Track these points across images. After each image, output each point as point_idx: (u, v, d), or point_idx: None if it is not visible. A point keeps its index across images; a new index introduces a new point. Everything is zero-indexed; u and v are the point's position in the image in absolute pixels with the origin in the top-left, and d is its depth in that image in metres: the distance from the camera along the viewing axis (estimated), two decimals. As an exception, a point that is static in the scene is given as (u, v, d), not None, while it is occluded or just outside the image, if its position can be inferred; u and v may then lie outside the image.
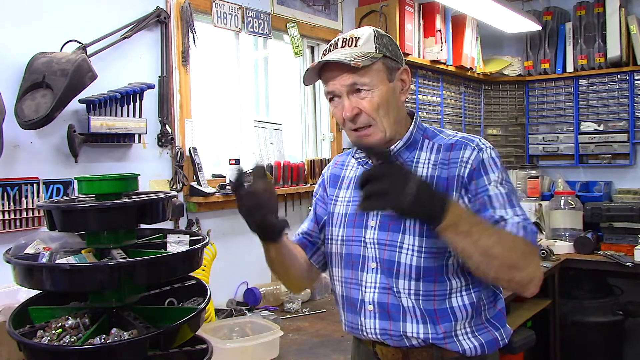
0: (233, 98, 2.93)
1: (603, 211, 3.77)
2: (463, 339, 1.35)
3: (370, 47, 1.35)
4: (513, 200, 1.30)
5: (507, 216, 1.27)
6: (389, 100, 1.36)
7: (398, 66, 1.39)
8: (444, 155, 1.36)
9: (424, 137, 1.42)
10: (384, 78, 1.36)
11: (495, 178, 1.32)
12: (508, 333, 1.42)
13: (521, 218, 1.27)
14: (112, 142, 2.19)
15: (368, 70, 1.33)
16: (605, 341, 3.72)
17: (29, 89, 1.90)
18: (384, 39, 1.39)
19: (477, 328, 1.36)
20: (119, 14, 2.24)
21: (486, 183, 1.31)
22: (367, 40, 1.36)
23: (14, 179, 1.92)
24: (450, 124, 4.14)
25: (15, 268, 1.40)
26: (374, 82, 1.34)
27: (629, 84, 4.04)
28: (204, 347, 1.61)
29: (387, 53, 1.37)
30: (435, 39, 3.67)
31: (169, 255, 1.48)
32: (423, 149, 1.40)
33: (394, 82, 1.38)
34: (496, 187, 1.31)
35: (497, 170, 1.33)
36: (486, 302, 1.38)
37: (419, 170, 1.38)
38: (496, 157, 1.36)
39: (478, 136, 1.41)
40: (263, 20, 2.87)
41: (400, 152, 1.40)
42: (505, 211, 1.28)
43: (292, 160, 3.02)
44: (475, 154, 1.34)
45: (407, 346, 1.36)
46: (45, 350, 1.34)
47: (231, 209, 2.72)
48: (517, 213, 1.28)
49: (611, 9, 3.94)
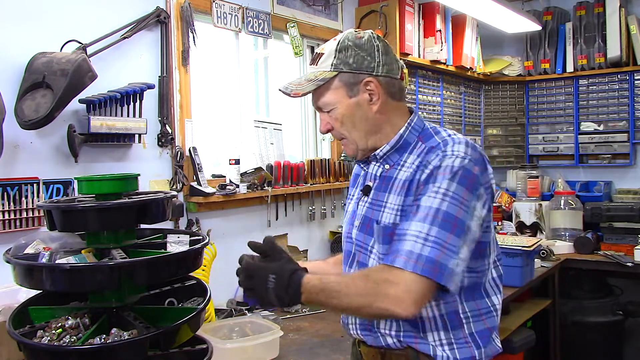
0: (233, 98, 2.93)
1: (603, 211, 3.77)
2: (437, 346, 1.32)
3: (326, 65, 1.36)
4: (438, 218, 1.20)
5: (411, 232, 1.21)
6: (353, 115, 1.37)
7: (360, 79, 1.35)
8: (423, 158, 1.33)
9: (419, 139, 1.39)
10: (344, 95, 1.37)
11: (436, 188, 1.24)
12: (490, 353, 1.37)
13: (421, 240, 1.19)
14: (112, 142, 2.19)
15: (324, 90, 1.37)
16: (605, 341, 3.72)
17: (29, 89, 1.90)
18: (349, 51, 1.35)
19: (456, 341, 1.33)
20: (119, 14, 2.24)
21: (428, 190, 1.25)
22: (327, 56, 1.37)
23: (14, 179, 1.92)
24: (450, 124, 4.14)
25: (15, 268, 1.40)
26: (334, 100, 1.37)
27: (629, 84, 4.04)
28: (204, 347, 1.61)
29: (345, 68, 1.35)
30: (435, 39, 3.67)
31: (169, 255, 1.48)
32: (413, 152, 1.37)
33: (357, 96, 1.36)
34: (433, 197, 1.23)
35: (446, 180, 1.24)
36: (470, 316, 1.34)
37: (400, 174, 1.35)
38: (457, 167, 1.25)
39: (462, 140, 1.32)
40: (263, 20, 2.87)
41: (388, 156, 1.40)
42: (419, 225, 1.21)
43: (292, 160, 3.02)
44: (437, 160, 1.28)
45: (384, 346, 1.37)
46: (45, 350, 1.34)
47: (231, 209, 2.72)
48: (428, 233, 1.20)
49: (611, 9, 3.94)
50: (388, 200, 1.36)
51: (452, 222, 1.21)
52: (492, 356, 1.38)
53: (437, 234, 1.20)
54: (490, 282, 1.39)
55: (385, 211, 1.35)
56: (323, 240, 3.31)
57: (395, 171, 1.38)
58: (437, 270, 1.18)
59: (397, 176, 1.36)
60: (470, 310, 1.34)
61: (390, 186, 1.37)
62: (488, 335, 1.37)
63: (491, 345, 1.38)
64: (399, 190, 1.34)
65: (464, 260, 1.23)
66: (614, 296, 3.79)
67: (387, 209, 1.35)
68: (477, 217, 1.26)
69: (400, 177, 1.35)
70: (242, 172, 2.70)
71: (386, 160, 1.40)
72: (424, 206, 1.23)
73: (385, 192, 1.37)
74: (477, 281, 1.35)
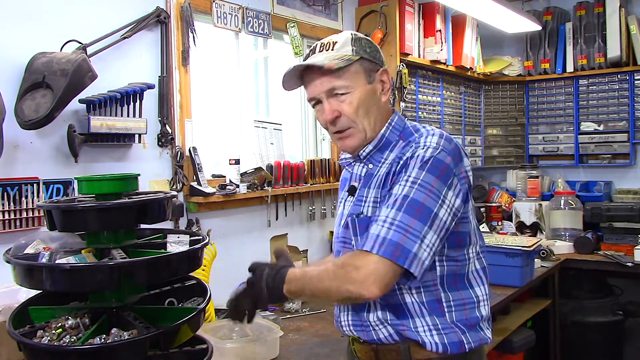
0: (233, 98, 2.93)
1: (603, 211, 3.77)
2: (424, 334, 1.35)
3: (347, 49, 1.38)
4: (405, 205, 1.24)
5: (379, 218, 1.27)
6: (368, 102, 1.39)
7: (377, 67, 1.41)
8: (401, 151, 1.37)
9: (400, 137, 1.43)
10: (363, 80, 1.38)
11: (407, 177, 1.28)
12: (477, 339, 1.38)
13: (387, 224, 1.24)
14: (112, 142, 2.19)
15: (345, 72, 1.36)
16: (605, 341, 3.72)
17: (29, 89, 1.90)
18: (362, 42, 1.40)
19: (442, 327, 1.35)
20: (119, 14, 2.24)
21: (400, 179, 1.29)
22: (344, 43, 1.38)
23: (14, 179, 1.92)
24: (450, 124, 4.14)
25: (15, 268, 1.40)
26: (352, 84, 1.37)
27: (629, 84, 4.04)
28: (204, 347, 1.61)
29: (365, 55, 1.38)
30: (435, 39, 3.67)
31: (169, 255, 1.48)
32: (394, 150, 1.41)
33: (373, 83, 1.40)
34: (402, 186, 1.27)
35: (416, 169, 1.28)
36: (453, 305, 1.36)
37: (380, 170, 1.40)
38: (428, 158, 1.28)
39: (437, 133, 1.35)
40: (263, 20, 2.87)
41: (371, 155, 1.43)
42: (389, 211, 1.26)
43: (292, 160, 3.02)
44: (410, 151, 1.33)
45: (376, 340, 1.39)
46: (45, 350, 1.34)
47: (231, 209, 2.72)
48: (394, 218, 1.24)
49: (611, 9, 3.94)
50: (368, 194, 1.40)
51: (418, 208, 1.24)
52: (481, 343, 1.40)
53: (401, 218, 1.24)
54: (473, 273, 1.41)
55: (364, 205, 1.40)
56: (323, 240, 3.31)
57: (377, 169, 1.42)
58: (398, 253, 1.21)
59: (377, 172, 1.41)
60: (454, 300, 1.37)
61: (370, 182, 1.42)
62: (475, 325, 1.39)
63: (479, 333, 1.40)
64: (377, 184, 1.39)
65: (430, 247, 1.25)
66: (614, 296, 3.79)
67: (365, 202, 1.40)
68: (447, 206, 1.28)
69: (380, 173, 1.40)
70: (242, 172, 2.70)
71: (370, 160, 1.44)
72: (394, 194, 1.28)
73: (366, 188, 1.42)
74: (458, 271, 1.38)
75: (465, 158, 1.35)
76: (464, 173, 1.33)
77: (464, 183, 1.33)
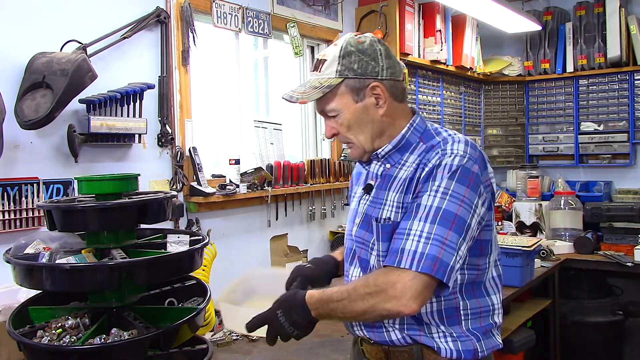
0: (233, 98, 2.93)
1: (603, 211, 3.77)
2: (439, 340, 1.34)
3: (330, 71, 1.36)
4: (438, 217, 1.22)
5: (411, 231, 1.24)
6: (360, 120, 1.38)
7: (365, 84, 1.36)
8: (423, 157, 1.35)
9: (420, 139, 1.41)
10: (350, 100, 1.37)
11: (435, 187, 1.26)
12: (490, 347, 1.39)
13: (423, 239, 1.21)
14: (112, 142, 2.19)
15: (331, 95, 1.36)
16: (605, 341, 3.72)
17: (29, 89, 1.90)
18: (352, 57, 1.35)
19: (458, 334, 1.35)
20: (119, 14, 2.24)
21: (427, 189, 1.27)
22: (331, 63, 1.36)
23: (14, 179, 1.92)
24: (450, 124, 4.14)
25: (15, 268, 1.40)
26: (339, 106, 1.37)
27: (629, 84, 4.04)
28: (204, 347, 1.61)
29: (350, 74, 1.35)
30: (435, 39, 3.67)
31: (169, 255, 1.49)
32: (414, 152, 1.39)
33: (364, 100, 1.37)
34: (432, 196, 1.25)
35: (445, 179, 1.26)
36: (470, 313, 1.36)
37: (400, 173, 1.37)
38: (456, 166, 1.27)
39: (462, 139, 1.33)
40: (263, 20, 2.87)
41: (389, 155, 1.41)
42: (420, 224, 1.23)
43: (292, 160, 3.02)
44: (436, 158, 1.30)
45: (388, 342, 1.38)
46: (45, 350, 1.34)
47: (231, 209, 2.72)
48: (429, 231, 1.22)
49: (611, 9, 3.94)
50: (387, 197, 1.38)
51: (452, 219, 1.22)
52: (493, 350, 1.41)
53: (437, 231, 1.22)
54: (490, 281, 1.41)
55: (384, 208, 1.37)
56: (323, 240, 3.31)
57: (396, 170, 1.39)
58: (436, 267, 1.19)
59: (397, 175, 1.38)
60: (471, 307, 1.36)
61: (390, 184, 1.39)
62: (488, 331, 1.39)
63: (492, 339, 1.41)
64: (398, 188, 1.36)
65: (462, 257, 1.25)
66: (614, 296, 3.79)
67: (386, 206, 1.37)
68: (477, 214, 1.27)
69: (400, 176, 1.37)
70: (242, 172, 2.70)
71: (387, 160, 1.42)
72: (424, 205, 1.25)
73: (385, 190, 1.39)
74: (477, 279, 1.37)
75: (488, 165, 1.35)
76: (488, 181, 1.33)
77: (489, 191, 1.33)
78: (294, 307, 1.28)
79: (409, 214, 1.28)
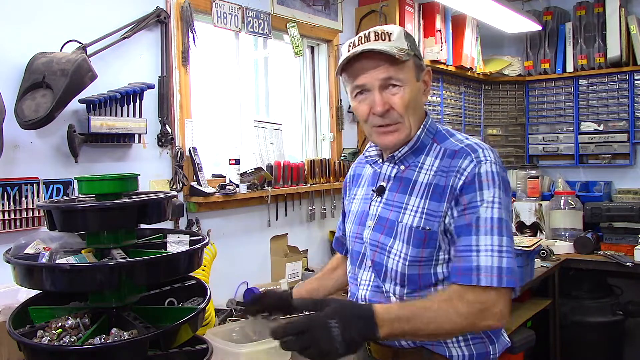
0: (233, 98, 2.93)
1: (603, 211, 3.77)
2: (452, 346, 1.34)
3: (403, 43, 1.33)
4: (502, 228, 1.24)
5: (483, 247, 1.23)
6: (415, 99, 1.36)
7: (423, 67, 1.39)
8: (446, 162, 1.33)
9: (433, 140, 1.40)
10: (414, 76, 1.36)
11: (489, 197, 1.26)
12: (501, 348, 1.40)
13: (496, 253, 1.22)
14: (112, 142, 2.19)
15: (404, 66, 1.32)
16: (605, 341, 3.72)
17: (29, 89, 1.90)
18: (411, 38, 1.37)
19: (471, 337, 1.35)
20: (119, 14, 2.24)
21: (477, 200, 1.26)
22: (399, 36, 1.34)
23: (14, 179, 1.92)
24: (450, 124, 4.14)
25: (15, 268, 1.40)
26: (407, 78, 1.33)
27: (629, 84, 4.03)
28: (204, 347, 1.61)
29: (416, 52, 1.37)
30: (435, 39, 3.67)
31: (169, 255, 1.48)
32: (429, 154, 1.37)
33: (419, 82, 1.38)
34: (490, 208, 1.25)
35: (493, 188, 1.26)
36: None
37: (420, 177, 1.35)
38: (495, 173, 1.28)
39: (486, 146, 1.34)
40: (263, 20, 2.87)
41: (405, 157, 1.40)
42: (488, 239, 1.23)
43: (292, 160, 3.02)
44: (472, 166, 1.28)
45: (397, 345, 1.37)
46: (45, 350, 1.34)
47: (231, 209, 2.72)
48: (500, 244, 1.23)
49: (611, 9, 3.94)
50: (409, 202, 1.35)
51: (508, 227, 1.27)
52: (503, 350, 1.42)
53: (506, 242, 1.24)
54: None
55: (407, 213, 1.34)
56: (323, 240, 3.31)
57: (414, 173, 1.37)
58: (515, 279, 1.23)
59: (416, 178, 1.36)
60: None
61: (410, 188, 1.36)
62: (499, 331, 1.41)
63: (502, 339, 1.42)
64: (421, 193, 1.34)
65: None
66: (614, 296, 3.79)
67: (408, 210, 1.34)
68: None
69: (421, 180, 1.35)
70: (242, 172, 2.70)
71: (402, 162, 1.40)
72: (484, 217, 1.25)
73: (405, 194, 1.36)
74: None
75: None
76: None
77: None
78: (356, 320, 1.11)
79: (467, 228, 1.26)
